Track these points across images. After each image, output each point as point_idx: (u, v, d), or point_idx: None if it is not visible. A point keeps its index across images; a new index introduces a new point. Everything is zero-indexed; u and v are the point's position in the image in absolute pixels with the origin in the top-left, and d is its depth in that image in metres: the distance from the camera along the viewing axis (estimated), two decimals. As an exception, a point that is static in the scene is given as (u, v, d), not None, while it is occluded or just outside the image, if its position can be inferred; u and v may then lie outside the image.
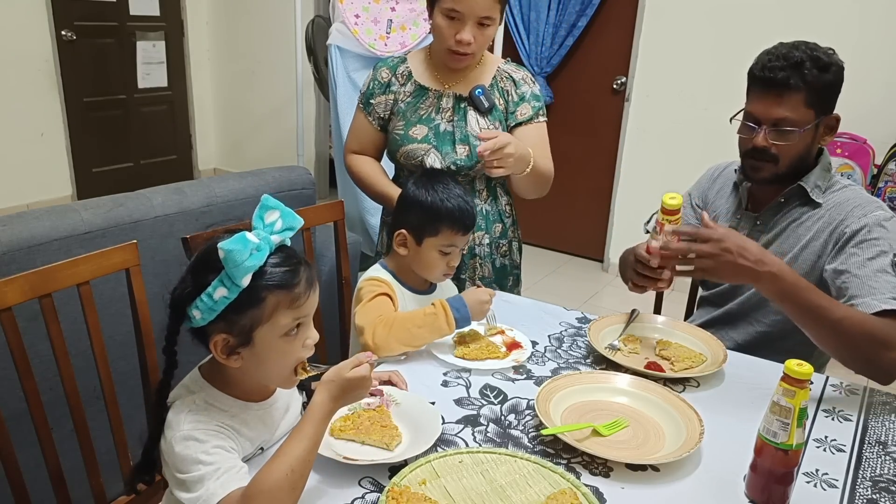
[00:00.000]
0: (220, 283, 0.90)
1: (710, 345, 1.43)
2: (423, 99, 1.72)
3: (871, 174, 3.16)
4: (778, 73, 1.40)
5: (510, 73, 1.73)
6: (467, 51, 1.60)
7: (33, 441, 1.19)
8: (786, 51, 1.42)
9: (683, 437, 1.10)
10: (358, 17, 3.34)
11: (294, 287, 0.94)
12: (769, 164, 1.46)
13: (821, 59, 1.40)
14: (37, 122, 4.61)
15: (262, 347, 0.94)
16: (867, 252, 1.36)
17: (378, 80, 1.75)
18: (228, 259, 0.88)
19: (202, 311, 0.91)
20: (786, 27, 3.41)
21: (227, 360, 0.94)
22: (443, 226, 1.43)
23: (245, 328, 0.93)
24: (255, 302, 0.92)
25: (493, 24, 1.59)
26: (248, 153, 5.65)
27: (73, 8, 4.62)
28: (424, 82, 1.72)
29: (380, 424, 1.09)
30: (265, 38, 5.22)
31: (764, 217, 1.55)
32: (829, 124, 1.47)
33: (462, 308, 1.36)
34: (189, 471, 0.89)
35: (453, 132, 1.68)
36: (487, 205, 1.78)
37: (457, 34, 1.57)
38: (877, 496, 1.03)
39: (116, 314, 1.49)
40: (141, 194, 1.84)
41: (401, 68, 1.75)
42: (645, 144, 3.99)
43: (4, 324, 1.13)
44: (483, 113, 1.69)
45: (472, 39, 1.57)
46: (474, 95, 1.67)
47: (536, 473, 1.00)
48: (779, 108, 1.41)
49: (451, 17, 1.56)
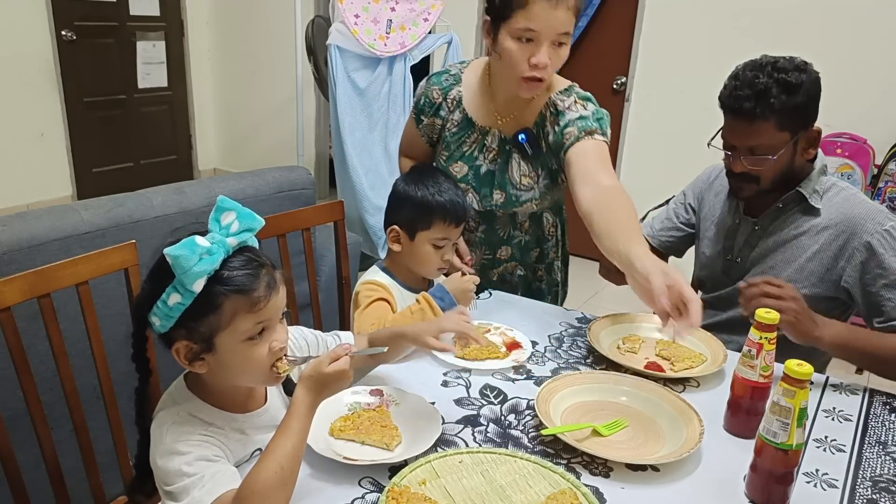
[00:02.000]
0: (173, 290, 0.87)
1: (711, 345, 1.43)
2: (469, 133, 1.61)
3: (871, 174, 3.16)
4: (743, 104, 1.37)
5: (556, 104, 1.53)
6: (543, 76, 1.42)
7: (33, 441, 1.19)
8: (751, 76, 1.38)
9: (683, 438, 1.10)
10: (358, 17, 3.34)
11: (253, 291, 0.90)
12: (751, 185, 1.46)
13: (788, 82, 1.35)
14: (37, 122, 4.61)
15: (225, 353, 0.92)
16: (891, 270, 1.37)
17: (429, 98, 1.63)
18: (176, 265, 0.85)
19: (160, 317, 0.89)
20: (786, 27, 3.42)
21: (191, 367, 0.93)
22: (435, 219, 1.43)
23: (205, 335, 0.90)
24: (213, 308, 0.89)
25: (568, 42, 1.42)
26: (248, 153, 5.65)
27: (73, 8, 4.62)
28: (472, 113, 1.60)
29: (380, 424, 1.09)
30: (265, 38, 5.22)
31: (762, 222, 1.54)
32: (810, 138, 1.44)
33: (445, 296, 1.36)
34: (173, 482, 0.88)
35: (493, 174, 1.60)
36: (528, 236, 1.72)
37: (531, 58, 1.39)
38: (877, 496, 1.03)
39: (116, 314, 1.49)
40: (141, 194, 1.85)
41: (453, 92, 1.61)
42: (645, 144, 3.99)
43: (4, 324, 1.13)
44: (528, 159, 1.58)
45: (548, 62, 1.40)
46: (517, 140, 1.56)
47: (536, 473, 1.00)
48: (750, 137, 1.40)
49: (526, 38, 1.38)
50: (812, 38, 3.38)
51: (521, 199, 1.60)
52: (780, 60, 1.39)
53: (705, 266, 1.68)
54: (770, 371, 1.12)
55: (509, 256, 1.73)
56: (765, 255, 1.53)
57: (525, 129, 1.56)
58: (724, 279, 1.63)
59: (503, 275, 1.75)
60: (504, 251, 1.71)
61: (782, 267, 1.50)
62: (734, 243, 1.60)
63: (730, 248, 1.60)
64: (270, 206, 2.04)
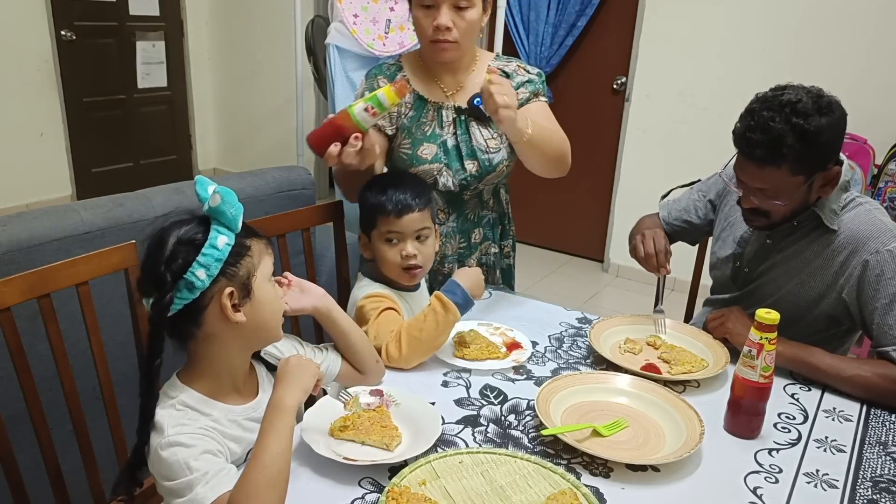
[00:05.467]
0: (217, 233, 0.94)
1: (715, 350, 1.42)
2: (425, 112, 1.63)
3: (871, 174, 3.16)
4: (755, 150, 1.30)
5: (502, 69, 1.64)
6: (448, 37, 1.51)
7: (32, 441, 1.19)
8: (766, 118, 1.28)
9: (684, 438, 1.10)
10: (356, 17, 3.34)
11: (262, 236, 1.02)
12: (761, 218, 1.42)
13: (806, 131, 1.25)
14: (36, 122, 4.61)
15: (259, 296, 0.99)
16: (885, 293, 1.33)
17: (376, 88, 1.57)
18: (227, 200, 0.94)
19: (207, 266, 0.93)
20: (785, 27, 3.42)
21: (235, 316, 0.96)
22: (377, 215, 1.43)
23: (244, 278, 0.97)
24: (245, 249, 0.97)
25: (472, 7, 1.50)
26: (248, 153, 5.64)
27: (73, 8, 4.62)
28: (423, 92, 1.64)
29: (380, 425, 1.08)
30: (265, 38, 5.22)
31: (775, 237, 1.49)
32: (828, 177, 1.35)
33: (458, 291, 1.33)
34: (177, 477, 0.88)
35: (459, 147, 1.62)
36: (493, 213, 1.75)
37: (434, 21, 1.50)
38: (877, 496, 1.03)
39: (115, 314, 1.49)
40: (141, 194, 1.84)
41: (398, 76, 1.62)
42: (645, 144, 3.99)
43: (3, 324, 1.13)
44: (485, 121, 1.62)
45: (450, 24, 1.49)
46: (473, 105, 1.60)
47: (536, 474, 1.00)
48: (760, 181, 1.34)
49: (427, 5, 1.50)
50: (812, 38, 3.38)
51: (495, 163, 1.62)
52: (803, 100, 1.27)
53: (716, 267, 1.67)
54: (770, 371, 1.12)
55: (482, 238, 1.74)
56: (772, 268, 1.51)
57: (477, 94, 1.60)
58: (731, 285, 1.62)
59: (481, 259, 1.76)
60: (477, 234, 1.73)
61: (784, 280, 1.48)
62: (744, 252, 1.57)
63: (740, 255, 1.58)
64: (270, 206, 2.04)
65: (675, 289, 3.41)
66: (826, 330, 1.48)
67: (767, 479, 1.05)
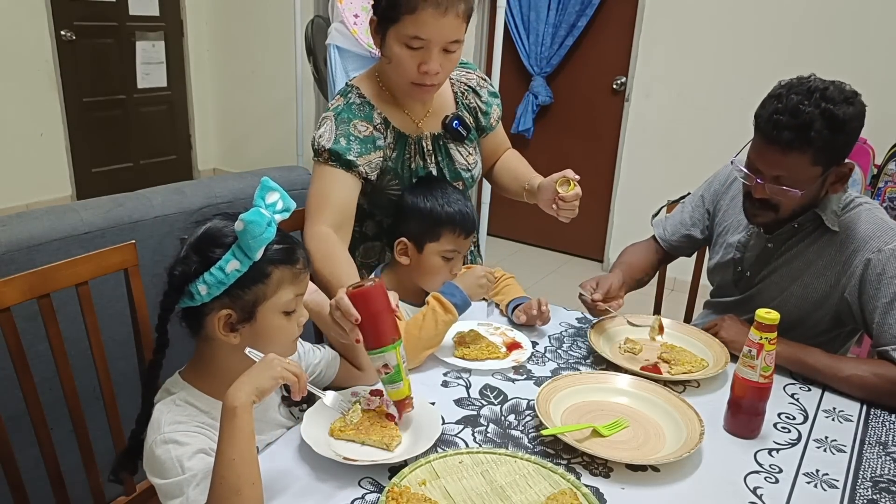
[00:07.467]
0: (232, 257, 0.92)
1: (715, 350, 1.41)
2: (406, 148, 1.51)
3: (871, 174, 3.16)
4: (783, 133, 1.26)
5: (467, 83, 1.59)
6: (434, 81, 1.39)
7: (32, 441, 1.19)
8: (795, 103, 1.26)
9: (684, 438, 1.10)
10: (357, 17, 3.34)
11: (296, 263, 0.98)
12: (769, 213, 1.39)
13: (835, 116, 1.24)
14: (36, 121, 4.61)
15: (263, 324, 0.97)
16: (886, 293, 1.32)
17: (355, 135, 1.43)
18: (248, 231, 0.90)
19: (210, 285, 0.92)
20: (785, 27, 3.42)
21: (226, 337, 0.96)
22: (444, 230, 1.41)
23: (249, 304, 0.95)
24: (262, 276, 0.95)
25: (459, 48, 1.38)
26: (247, 153, 5.65)
27: (73, 8, 4.62)
28: (395, 123, 1.50)
29: (380, 425, 1.08)
30: (265, 38, 5.22)
31: (776, 240, 1.48)
32: (841, 173, 1.35)
33: (456, 292, 1.34)
34: (169, 476, 0.88)
35: (443, 173, 1.56)
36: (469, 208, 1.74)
37: (422, 65, 1.35)
38: (877, 496, 1.03)
39: (115, 314, 1.49)
40: (141, 194, 1.84)
41: (374, 116, 1.47)
42: (645, 144, 3.99)
43: (3, 324, 1.13)
44: (462, 140, 1.57)
45: (439, 69, 1.36)
46: (451, 128, 1.54)
47: (536, 474, 1.00)
48: (780, 167, 1.31)
49: (413, 46, 1.33)
50: (812, 38, 3.38)
51: (476, 176, 1.64)
52: (830, 88, 1.27)
53: (716, 272, 1.66)
54: (770, 371, 1.12)
55: None
56: (774, 271, 1.50)
57: (454, 116, 1.56)
58: (733, 289, 1.61)
59: (465, 257, 1.74)
60: None
61: (787, 283, 1.47)
62: (745, 257, 1.56)
63: (740, 260, 1.57)
64: (270, 206, 2.04)
65: (675, 289, 3.41)
66: (830, 331, 1.48)
67: (767, 479, 1.05)
